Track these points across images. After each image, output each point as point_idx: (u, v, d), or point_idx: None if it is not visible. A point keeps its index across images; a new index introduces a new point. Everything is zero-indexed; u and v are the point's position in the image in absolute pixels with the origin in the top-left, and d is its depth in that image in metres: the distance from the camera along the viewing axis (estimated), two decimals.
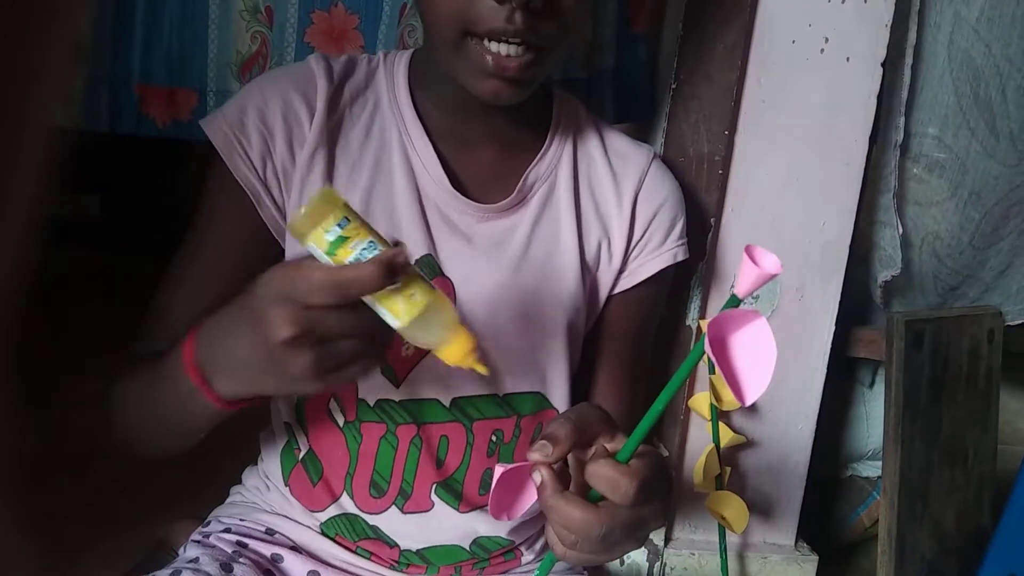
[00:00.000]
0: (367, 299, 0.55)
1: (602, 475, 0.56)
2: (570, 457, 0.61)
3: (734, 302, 0.54)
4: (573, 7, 0.72)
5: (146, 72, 1.05)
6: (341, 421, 0.82)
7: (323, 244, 0.54)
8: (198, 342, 0.62)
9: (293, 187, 0.79)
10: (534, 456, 0.58)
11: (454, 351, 0.58)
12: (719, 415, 1.23)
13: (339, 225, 0.54)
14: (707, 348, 0.53)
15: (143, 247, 2.20)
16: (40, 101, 0.22)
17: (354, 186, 0.80)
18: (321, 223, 0.53)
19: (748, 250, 0.53)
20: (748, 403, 0.54)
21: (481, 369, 0.59)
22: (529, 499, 0.62)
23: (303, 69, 0.81)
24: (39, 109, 0.22)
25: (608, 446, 0.60)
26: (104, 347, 0.81)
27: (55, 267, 2.54)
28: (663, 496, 0.61)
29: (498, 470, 0.60)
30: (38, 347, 1.96)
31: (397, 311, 0.55)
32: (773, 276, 0.52)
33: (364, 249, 0.54)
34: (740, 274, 0.54)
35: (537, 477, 0.58)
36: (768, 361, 0.54)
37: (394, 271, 0.52)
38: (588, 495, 0.59)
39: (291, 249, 0.80)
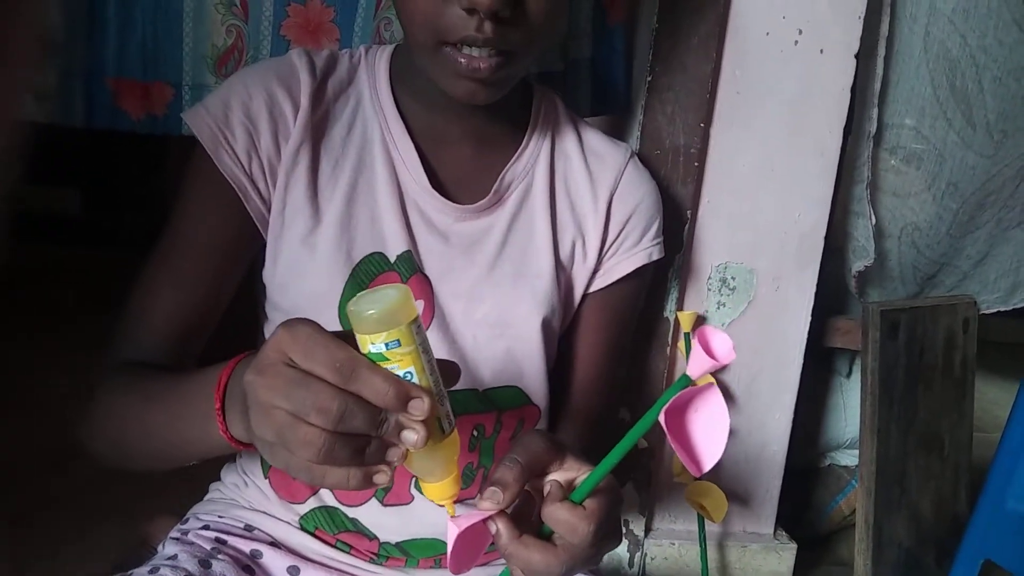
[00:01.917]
0: None
1: (560, 519, 0.59)
2: (528, 486, 0.62)
3: (685, 382, 0.54)
4: (542, 15, 0.71)
5: (120, 66, 1.04)
6: None
7: (363, 347, 0.50)
8: (237, 366, 0.59)
9: (279, 180, 0.78)
10: (485, 505, 0.58)
11: (440, 490, 0.57)
12: None
13: (387, 345, 0.49)
14: (662, 422, 0.54)
15: (125, 243, 2.18)
16: (4, 94, 0.21)
17: (337, 182, 0.80)
18: (373, 332, 0.49)
19: (701, 334, 0.53)
20: (704, 471, 0.56)
21: (451, 511, 0.59)
22: (486, 543, 0.62)
23: (286, 64, 0.81)
24: (3, 102, 0.21)
25: (559, 475, 0.62)
26: (84, 344, 0.80)
27: (36, 263, 2.53)
28: (619, 519, 0.65)
29: (452, 529, 0.58)
30: (15, 344, 1.95)
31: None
32: (725, 365, 0.53)
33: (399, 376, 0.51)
34: (693, 358, 0.54)
35: (492, 527, 0.59)
36: (722, 429, 0.55)
37: (406, 406, 0.49)
38: (542, 529, 0.61)
39: (272, 241, 0.80)
